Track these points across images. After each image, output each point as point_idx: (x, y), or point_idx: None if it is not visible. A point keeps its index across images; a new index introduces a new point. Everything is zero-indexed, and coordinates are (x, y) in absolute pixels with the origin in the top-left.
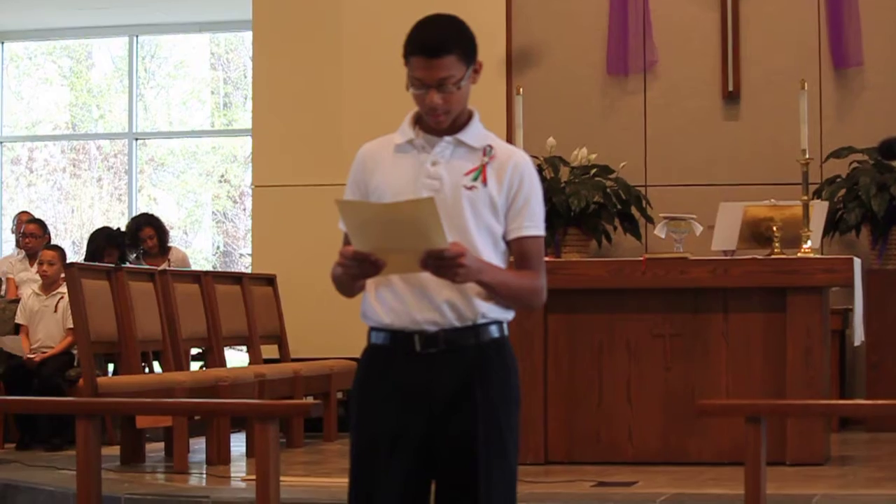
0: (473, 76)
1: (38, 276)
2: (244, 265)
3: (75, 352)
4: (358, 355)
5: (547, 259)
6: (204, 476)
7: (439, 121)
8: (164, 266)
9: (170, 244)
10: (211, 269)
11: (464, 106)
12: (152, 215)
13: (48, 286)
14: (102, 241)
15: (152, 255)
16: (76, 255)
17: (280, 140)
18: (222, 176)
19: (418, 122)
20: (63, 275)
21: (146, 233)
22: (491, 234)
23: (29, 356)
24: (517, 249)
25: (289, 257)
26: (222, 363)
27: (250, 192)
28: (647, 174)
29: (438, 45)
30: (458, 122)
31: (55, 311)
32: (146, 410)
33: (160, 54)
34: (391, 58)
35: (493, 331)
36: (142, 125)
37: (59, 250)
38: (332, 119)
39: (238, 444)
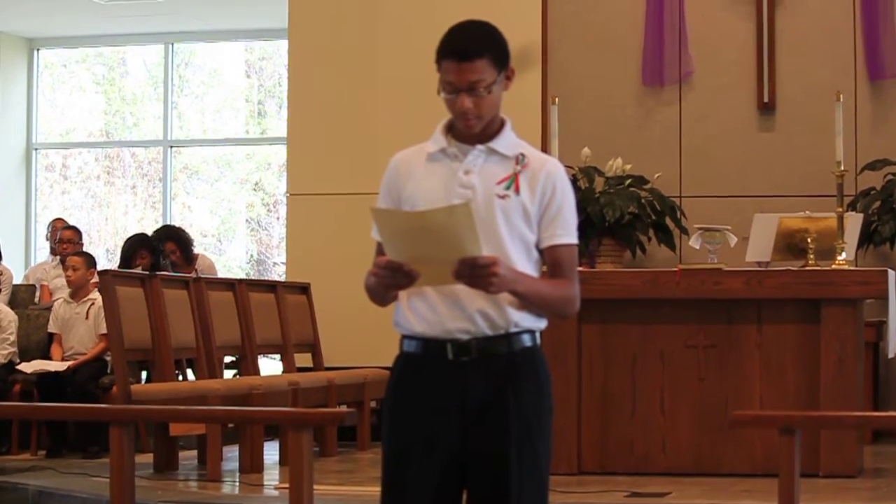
0: (505, 82)
1: None
2: (278, 274)
3: (108, 359)
4: (391, 364)
5: (581, 269)
6: (237, 484)
7: (470, 125)
8: (191, 275)
9: (196, 251)
10: (245, 277)
11: (495, 112)
12: (172, 227)
13: (76, 293)
14: (135, 243)
15: (178, 266)
16: (110, 262)
17: (315, 148)
18: (256, 184)
19: (450, 130)
20: (92, 280)
21: (168, 247)
22: (524, 243)
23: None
24: (550, 258)
25: (323, 266)
26: (256, 371)
27: (284, 200)
28: (682, 185)
29: (469, 48)
30: (491, 131)
31: (86, 317)
32: (180, 418)
33: (195, 62)
34: (426, 67)
35: (526, 340)
36: (176, 133)
37: (86, 256)
38: (367, 127)
39: (271, 452)
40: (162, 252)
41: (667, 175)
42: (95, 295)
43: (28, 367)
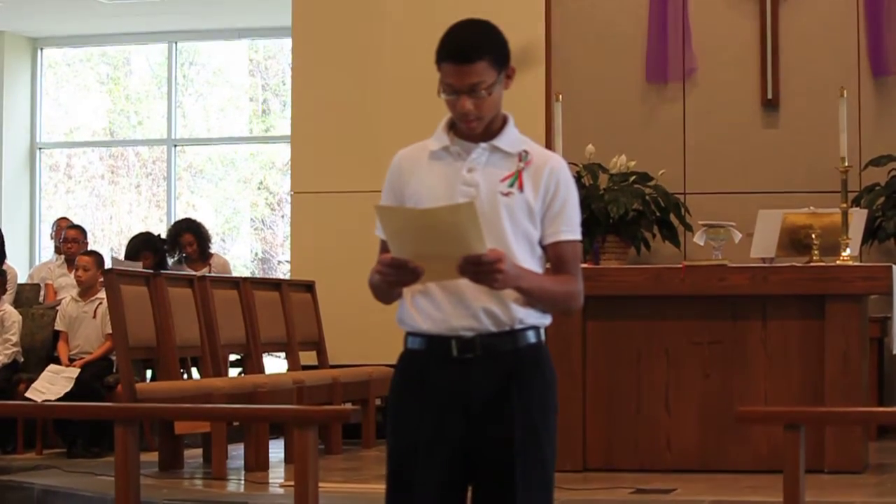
0: (506, 81)
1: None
2: (283, 272)
3: (114, 357)
4: (396, 362)
5: (585, 266)
6: (242, 482)
7: (471, 126)
8: (204, 271)
9: (211, 250)
10: (249, 275)
11: (496, 111)
12: (192, 221)
13: (85, 291)
14: (139, 243)
15: (193, 260)
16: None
17: (319, 146)
18: (261, 183)
19: (452, 127)
20: (101, 280)
21: (186, 239)
22: (528, 239)
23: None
24: (554, 254)
25: (327, 264)
26: (261, 369)
27: (289, 198)
28: (686, 181)
29: (469, 50)
30: (493, 128)
31: (94, 316)
32: (185, 416)
33: (199, 61)
34: (429, 64)
35: (531, 336)
36: (180, 132)
37: (96, 255)
38: (370, 125)
39: (276, 450)
40: (178, 244)
41: (671, 172)
42: (104, 294)
43: (35, 394)
